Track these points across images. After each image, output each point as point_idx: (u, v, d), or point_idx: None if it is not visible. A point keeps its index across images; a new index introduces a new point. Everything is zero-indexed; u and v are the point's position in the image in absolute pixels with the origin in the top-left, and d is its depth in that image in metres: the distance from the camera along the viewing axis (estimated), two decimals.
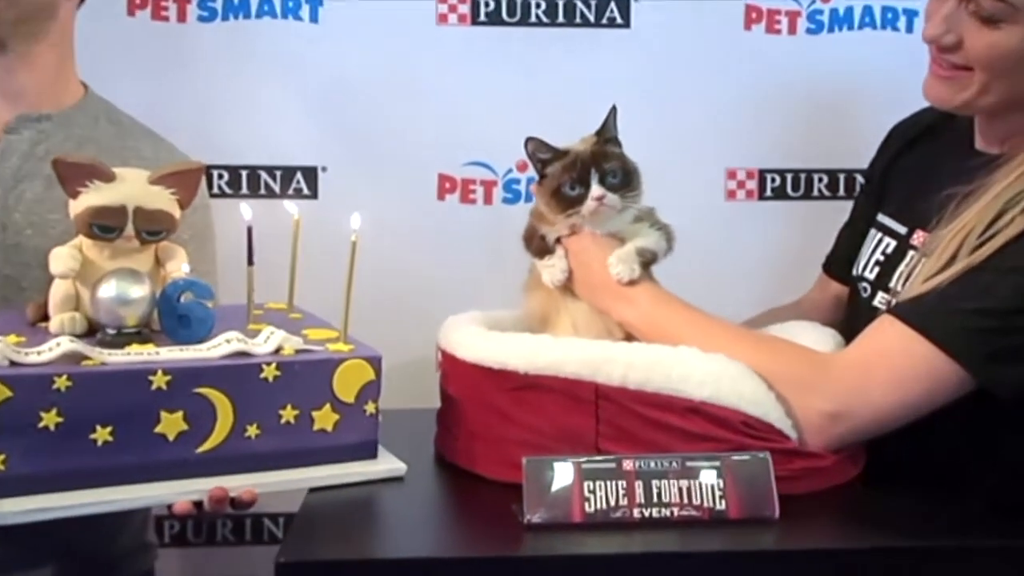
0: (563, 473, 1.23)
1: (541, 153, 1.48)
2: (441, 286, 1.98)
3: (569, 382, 1.33)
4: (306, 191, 2.02)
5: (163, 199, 1.37)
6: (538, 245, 1.50)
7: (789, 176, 2.09)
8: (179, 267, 1.38)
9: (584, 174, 1.44)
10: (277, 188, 2.01)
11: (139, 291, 1.31)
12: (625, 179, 1.44)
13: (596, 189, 1.43)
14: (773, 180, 2.09)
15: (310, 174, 2.02)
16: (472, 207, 2.03)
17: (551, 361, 1.34)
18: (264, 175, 2.01)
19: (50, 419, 1.19)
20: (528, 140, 1.48)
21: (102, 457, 1.22)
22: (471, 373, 1.40)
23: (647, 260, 1.45)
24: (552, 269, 1.48)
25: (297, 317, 1.52)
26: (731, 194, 2.09)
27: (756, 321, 1.64)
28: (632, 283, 1.42)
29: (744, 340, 1.38)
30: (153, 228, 1.36)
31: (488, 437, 1.39)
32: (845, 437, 1.34)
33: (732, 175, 2.08)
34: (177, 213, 1.39)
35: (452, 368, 1.45)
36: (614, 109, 1.47)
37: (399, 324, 1.82)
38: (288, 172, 2.02)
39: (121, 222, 1.34)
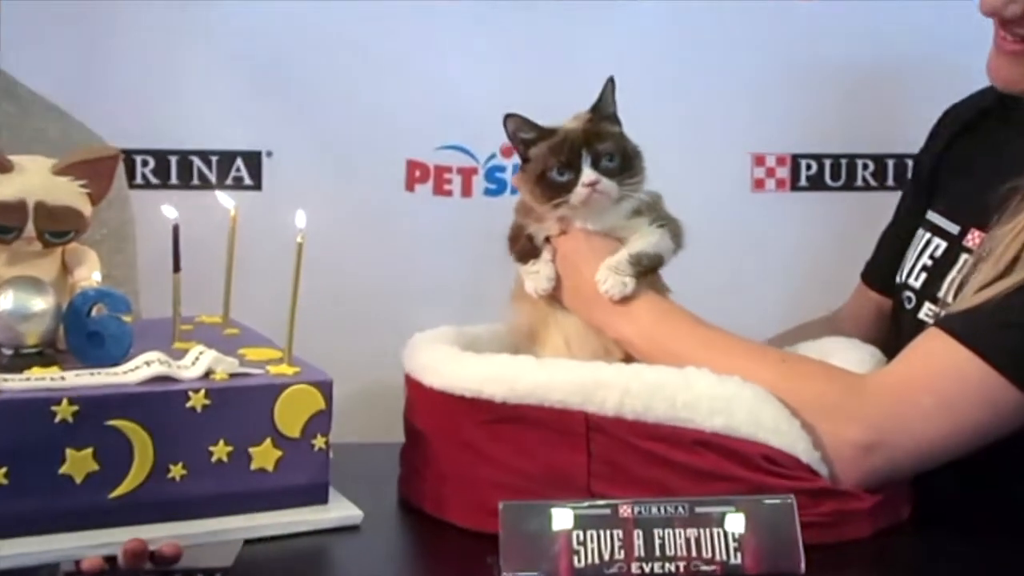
0: (548, 520, 1.23)
1: (523, 132, 1.49)
2: (408, 296, 1.99)
3: (555, 412, 1.34)
4: (247, 181, 2.03)
5: (71, 192, 1.37)
6: (523, 247, 1.51)
7: (827, 163, 2.11)
8: (90, 274, 1.37)
9: (574, 156, 1.44)
10: (212, 177, 2.03)
11: (41, 303, 1.30)
12: (623, 162, 1.45)
13: (588, 173, 1.43)
14: (808, 167, 2.11)
15: (252, 160, 2.03)
16: (447, 200, 2.04)
17: (534, 387, 1.35)
18: (197, 162, 2.03)
19: None
20: (507, 117, 1.48)
21: None
22: (440, 402, 1.41)
23: (646, 267, 1.46)
24: (536, 276, 1.48)
25: (233, 333, 1.53)
26: (758, 184, 2.10)
27: (784, 338, 1.65)
28: (627, 298, 1.44)
29: (763, 359, 1.39)
30: (58, 228, 1.36)
31: (460, 478, 1.40)
32: (883, 472, 1.34)
33: (760, 161, 2.10)
34: (88, 209, 1.39)
35: (418, 396, 1.45)
36: (611, 81, 1.48)
37: (356, 342, 1.85)
38: (226, 158, 2.03)
39: (19, 220, 1.33)
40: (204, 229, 1.50)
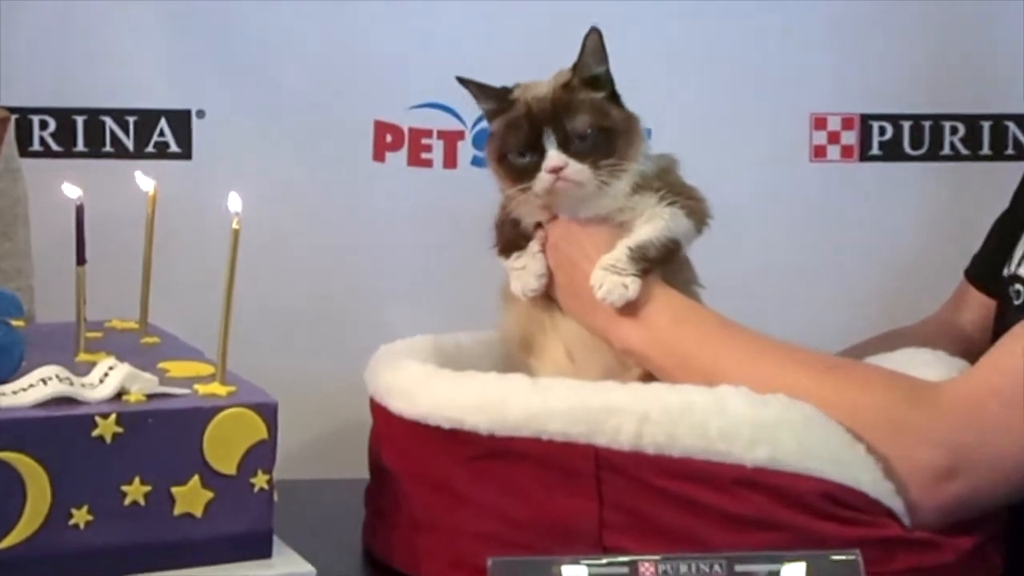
0: None
1: (482, 100, 1.52)
2: (375, 295, 2.01)
3: (556, 447, 1.34)
4: (173, 147, 2.05)
5: None
6: (508, 235, 1.52)
7: (906, 125, 2.12)
8: None
9: (534, 135, 1.47)
10: (130, 144, 2.04)
11: None
12: (602, 140, 1.47)
13: (552, 157, 1.46)
14: (882, 131, 2.12)
15: (180, 122, 2.05)
16: (426, 172, 2.06)
17: (528, 415, 1.35)
18: (110, 123, 2.04)
19: None
20: (460, 80, 1.51)
21: None
22: (412, 434, 1.42)
23: (654, 259, 1.46)
24: (522, 273, 1.50)
25: (152, 343, 1.53)
26: (819, 152, 2.12)
27: (856, 351, 1.66)
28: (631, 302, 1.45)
29: (808, 367, 1.40)
30: None
31: (437, 527, 1.40)
32: (966, 501, 1.34)
33: (820, 124, 2.11)
34: None
35: (385, 426, 1.46)
36: (595, 32, 1.49)
37: (309, 354, 1.87)
38: (147, 119, 2.04)
39: None
40: (117, 209, 1.53)
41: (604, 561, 1.21)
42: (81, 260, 1.45)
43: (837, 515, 1.31)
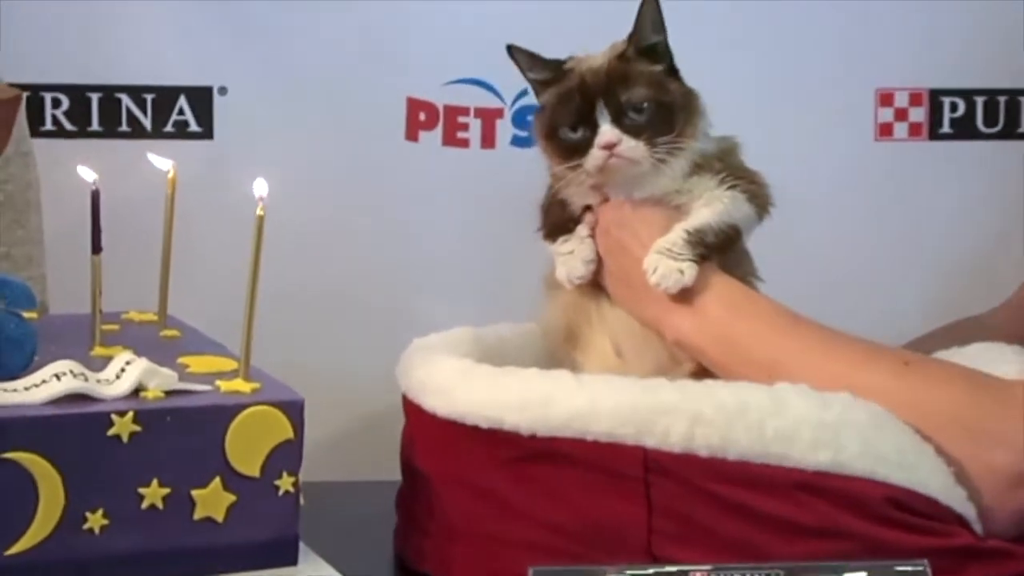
0: None
1: (533, 71, 1.52)
2: (409, 285, 2.01)
3: (602, 448, 1.34)
4: (193, 127, 2.05)
5: None
6: (555, 219, 1.52)
7: (979, 101, 2.11)
8: None
9: (587, 108, 1.47)
10: (147, 123, 2.05)
11: None
12: (659, 114, 1.47)
13: (605, 131, 1.45)
14: (954, 108, 2.11)
15: (200, 99, 2.05)
16: (462, 152, 2.06)
17: (572, 414, 1.35)
18: (127, 101, 2.05)
19: None
20: (510, 50, 1.52)
21: None
22: (447, 434, 1.42)
23: (712, 245, 1.46)
24: (569, 258, 1.50)
25: (172, 336, 1.54)
26: (885, 130, 2.12)
27: (923, 343, 1.65)
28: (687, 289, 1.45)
29: (878, 362, 1.39)
30: None
31: (474, 534, 1.41)
32: None
33: (886, 100, 2.11)
34: None
35: (419, 425, 1.46)
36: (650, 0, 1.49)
37: (338, 348, 1.87)
38: (166, 96, 2.05)
39: None
40: (135, 193, 1.54)
41: (651, 571, 1.22)
42: (97, 249, 1.45)
43: (904, 522, 1.31)
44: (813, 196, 2.03)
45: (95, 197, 1.44)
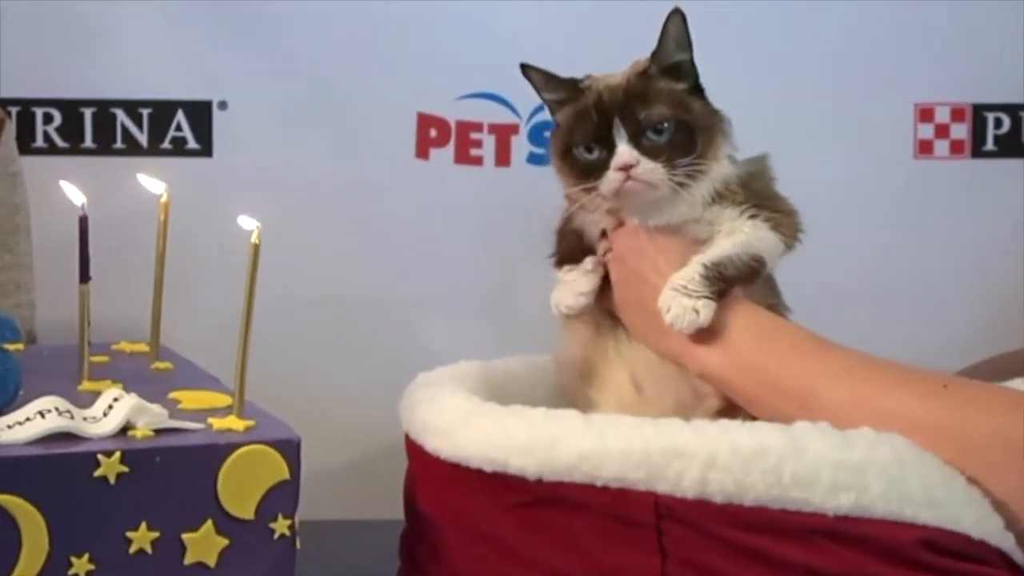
0: None
1: (548, 91, 1.53)
2: (416, 312, 2.02)
3: (612, 494, 1.34)
4: (192, 143, 2.06)
5: None
6: (567, 247, 1.53)
7: None
8: None
9: (603, 127, 1.47)
10: (143, 139, 2.06)
11: None
12: (679, 135, 1.47)
13: (622, 152, 1.45)
14: (998, 124, 2.12)
15: (199, 114, 2.06)
16: (476, 170, 2.07)
17: (580, 457, 1.35)
18: (122, 116, 2.06)
19: None
20: (524, 68, 1.52)
21: None
22: (450, 477, 1.42)
23: (732, 278, 1.46)
24: (569, 286, 1.51)
25: (164, 368, 1.54)
26: (924, 147, 2.12)
27: (964, 376, 1.63)
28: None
29: (920, 387, 1.38)
30: None
31: None
32: None
33: (926, 115, 2.11)
34: None
35: (421, 467, 1.47)
36: (678, 14, 1.49)
37: (340, 382, 1.87)
38: (163, 111, 2.06)
39: None
40: (129, 213, 1.55)
41: None
42: (85, 278, 1.46)
43: (936, 565, 1.29)
44: (849, 216, 2.04)
45: (83, 223, 1.45)
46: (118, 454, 1.28)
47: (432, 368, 1.57)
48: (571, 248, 1.53)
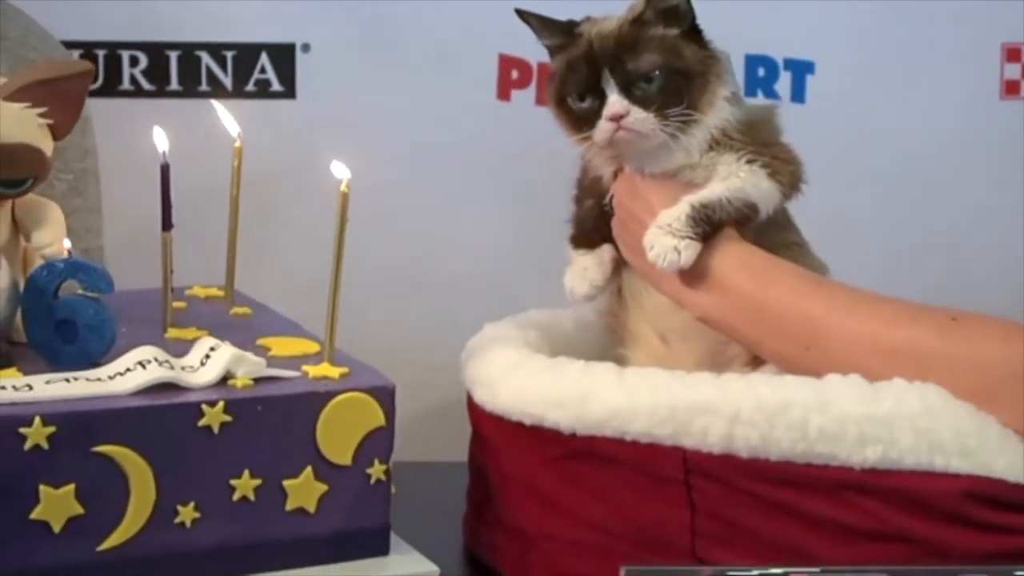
0: None
1: (544, 36, 1.56)
2: (498, 255, 2.09)
3: (641, 448, 1.39)
4: (276, 86, 2.15)
5: (27, 125, 1.44)
6: (585, 225, 1.59)
7: None
8: (56, 239, 1.45)
9: (594, 77, 1.49)
10: (228, 81, 2.14)
11: None
12: (671, 83, 1.48)
13: (612, 102, 1.48)
14: None
15: (282, 56, 2.14)
16: None
17: (609, 412, 1.40)
18: (206, 59, 2.14)
19: None
20: (520, 13, 1.55)
21: None
22: (497, 429, 1.50)
23: (718, 222, 1.47)
24: (580, 273, 1.57)
25: (243, 313, 1.62)
26: (1011, 88, 2.16)
27: None
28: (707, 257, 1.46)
29: (930, 320, 1.39)
30: (14, 174, 1.43)
31: (527, 531, 1.49)
32: None
33: (1014, 55, 2.15)
34: (50, 147, 1.46)
35: (474, 418, 1.54)
36: None
37: (418, 322, 1.95)
38: (246, 54, 2.15)
39: None
40: (214, 155, 1.59)
41: (755, 572, 1.25)
42: (167, 225, 1.52)
43: (977, 518, 1.32)
44: (933, 159, 2.11)
45: (165, 171, 1.51)
46: (221, 404, 1.35)
47: (502, 316, 1.64)
48: (587, 229, 1.59)
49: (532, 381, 1.46)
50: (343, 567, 1.42)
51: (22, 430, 1.28)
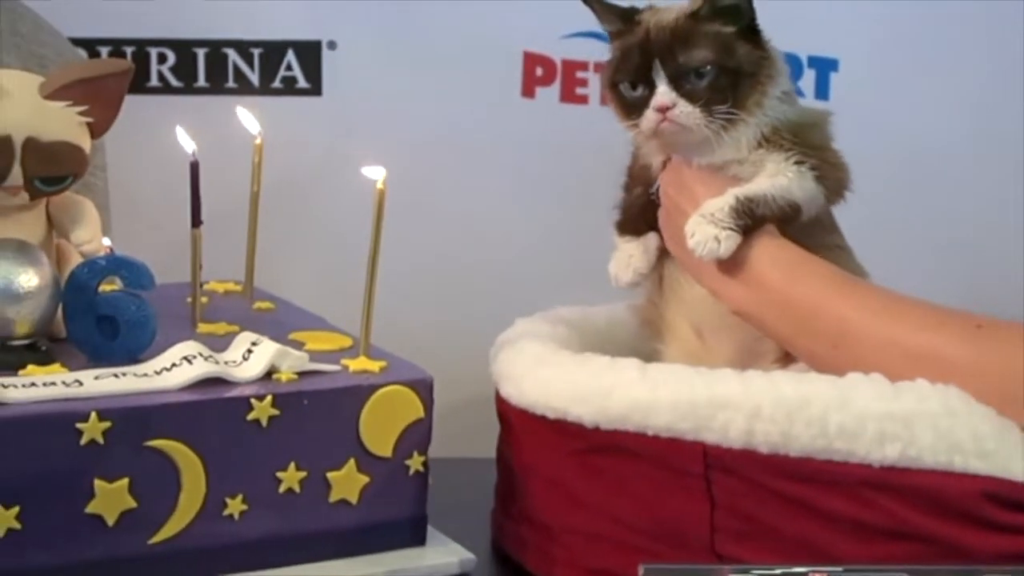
0: None
1: (605, 21, 1.58)
2: (524, 250, 2.13)
3: (662, 443, 1.42)
4: (302, 82, 2.20)
5: (68, 123, 1.47)
6: (632, 212, 1.61)
7: None
8: (94, 236, 1.48)
9: (645, 66, 1.52)
10: (254, 78, 2.19)
11: (34, 278, 1.41)
12: (722, 79, 1.51)
13: (661, 93, 1.51)
14: None
15: (309, 53, 2.19)
16: (580, 109, 2.18)
17: (630, 407, 1.43)
18: (233, 56, 2.19)
19: None
20: None
21: (2, 556, 1.30)
22: (522, 423, 1.53)
23: (761, 217, 1.50)
24: (625, 260, 1.60)
25: (266, 308, 1.67)
26: None
27: None
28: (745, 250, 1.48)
29: (956, 325, 1.41)
30: (54, 172, 1.46)
31: (550, 525, 1.53)
32: None
33: None
34: (88, 145, 1.49)
35: (505, 414, 1.58)
36: None
37: (444, 318, 1.99)
38: (273, 51, 2.19)
39: (2, 163, 1.42)
40: (240, 151, 1.63)
41: (778, 571, 1.27)
42: (196, 222, 1.56)
43: (994, 519, 1.33)
44: (957, 156, 2.15)
45: (194, 168, 1.54)
46: (269, 398, 1.40)
47: (533, 313, 1.67)
48: (634, 216, 1.62)
49: (557, 375, 1.50)
50: (382, 557, 1.48)
51: (79, 425, 1.32)
